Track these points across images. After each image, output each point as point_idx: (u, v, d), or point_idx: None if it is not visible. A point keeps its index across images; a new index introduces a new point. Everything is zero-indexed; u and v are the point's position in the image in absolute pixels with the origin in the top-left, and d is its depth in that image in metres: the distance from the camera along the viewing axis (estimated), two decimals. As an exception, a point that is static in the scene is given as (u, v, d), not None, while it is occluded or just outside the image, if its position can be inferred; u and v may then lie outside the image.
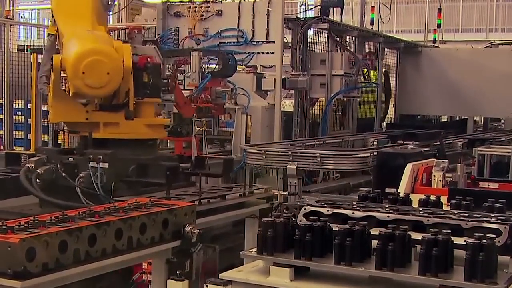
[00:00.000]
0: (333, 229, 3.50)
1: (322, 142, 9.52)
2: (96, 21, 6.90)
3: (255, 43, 10.10)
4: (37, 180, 6.23)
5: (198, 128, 7.91)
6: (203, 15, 10.39)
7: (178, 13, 10.62)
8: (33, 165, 6.31)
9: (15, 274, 3.67)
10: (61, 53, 6.64)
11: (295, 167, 7.30)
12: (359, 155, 7.63)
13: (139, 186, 6.43)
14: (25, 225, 3.93)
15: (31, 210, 5.87)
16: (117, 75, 6.46)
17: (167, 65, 9.89)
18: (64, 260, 3.91)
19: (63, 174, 6.25)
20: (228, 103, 9.00)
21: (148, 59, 6.99)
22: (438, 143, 9.10)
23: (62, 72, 6.57)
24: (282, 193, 6.91)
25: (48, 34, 7.15)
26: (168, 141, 9.58)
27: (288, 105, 11.63)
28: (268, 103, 9.98)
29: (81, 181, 6.16)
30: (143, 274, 5.81)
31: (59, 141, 9.59)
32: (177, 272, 3.53)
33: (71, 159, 6.40)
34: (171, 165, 6.42)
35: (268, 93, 10.38)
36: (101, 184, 6.10)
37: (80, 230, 4.01)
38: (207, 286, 3.37)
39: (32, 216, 4.12)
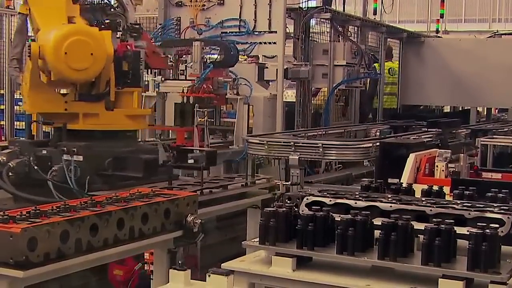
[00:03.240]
0: (336, 219, 3.50)
1: (324, 132, 9.50)
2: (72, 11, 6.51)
3: (257, 33, 10.06)
4: (9, 173, 5.94)
5: (199, 119, 7.89)
6: (204, 5, 10.35)
7: (180, 3, 10.57)
8: (4, 158, 6.05)
9: (17, 263, 3.66)
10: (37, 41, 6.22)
11: (297, 157, 7.28)
12: (361, 145, 7.61)
13: (115, 180, 6.11)
14: (27, 214, 3.93)
15: (5, 205, 5.55)
16: (101, 56, 6.15)
17: (169, 56, 9.91)
18: (66, 250, 3.90)
19: (35, 167, 5.98)
20: (230, 94, 8.97)
21: (128, 46, 6.66)
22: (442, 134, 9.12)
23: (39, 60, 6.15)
24: (284, 183, 6.89)
25: (19, 13, 6.72)
26: (170, 131, 9.57)
27: (290, 95, 11.62)
28: (270, 93, 9.95)
29: (54, 175, 5.86)
30: (145, 265, 5.82)
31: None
32: (179, 262, 3.51)
33: (44, 152, 6.12)
34: (149, 158, 6.22)
35: (270, 83, 10.35)
36: (75, 178, 5.80)
37: (82, 220, 3.99)
38: (209, 276, 3.36)
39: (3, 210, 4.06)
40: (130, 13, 7.13)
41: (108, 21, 6.72)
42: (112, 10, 6.92)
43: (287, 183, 6.97)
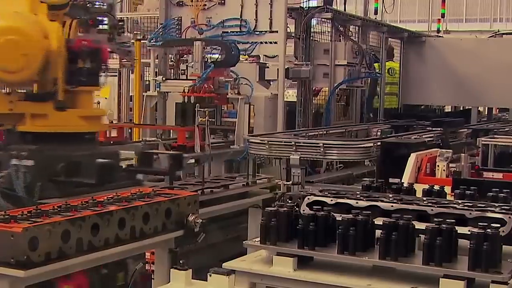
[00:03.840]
0: (337, 218, 3.50)
1: (325, 132, 9.50)
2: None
3: (258, 32, 10.06)
4: None
5: (200, 118, 7.89)
6: (206, 5, 10.36)
7: (181, 3, 10.58)
8: None
9: (18, 263, 3.66)
10: None
11: (298, 157, 7.28)
12: (362, 145, 7.62)
13: (68, 186, 5.65)
14: (28, 214, 3.92)
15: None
16: (36, 57, 5.70)
17: (170, 55, 9.92)
18: (67, 250, 3.89)
19: None
20: (231, 93, 8.98)
21: (85, 42, 6.10)
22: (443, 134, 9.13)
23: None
24: (285, 183, 6.89)
25: None
26: (171, 131, 9.58)
27: (291, 95, 11.63)
28: (271, 93, 9.96)
29: (1, 181, 5.46)
30: (146, 264, 5.81)
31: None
32: (180, 262, 3.50)
33: None
34: (104, 163, 5.81)
35: (271, 83, 10.36)
36: (24, 184, 5.40)
37: (83, 220, 3.99)
38: (210, 275, 3.36)
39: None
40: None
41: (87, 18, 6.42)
42: (94, 7, 6.54)
43: (288, 182, 6.97)
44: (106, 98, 16.36)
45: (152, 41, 10.25)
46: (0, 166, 5.64)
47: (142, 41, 12.34)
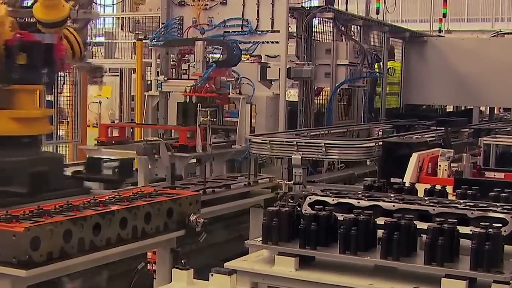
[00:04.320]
0: (339, 218, 3.49)
1: (327, 132, 9.50)
2: None
3: (259, 32, 10.06)
4: None
5: (202, 118, 7.89)
6: (207, 4, 10.35)
7: (183, 2, 10.57)
8: None
9: (20, 263, 3.66)
10: None
11: (300, 157, 7.28)
12: (364, 145, 7.61)
13: None
14: (30, 214, 3.93)
15: None
16: None
17: (171, 55, 9.92)
18: (69, 249, 3.90)
19: None
20: (233, 93, 8.98)
21: (21, 35, 5.59)
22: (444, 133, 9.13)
23: None
24: (286, 182, 6.90)
25: None
26: (173, 131, 9.57)
27: (292, 94, 11.63)
28: (273, 92, 9.96)
29: None
30: (148, 264, 5.81)
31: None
32: (182, 261, 3.51)
33: None
34: (38, 171, 5.35)
35: (273, 82, 10.35)
36: None
37: (85, 219, 4.00)
38: (212, 275, 3.36)
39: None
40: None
41: None
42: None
43: (289, 182, 6.97)
44: (107, 97, 16.39)
45: (153, 40, 10.24)
46: None
47: (143, 40, 12.37)
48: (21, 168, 5.34)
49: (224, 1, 10.26)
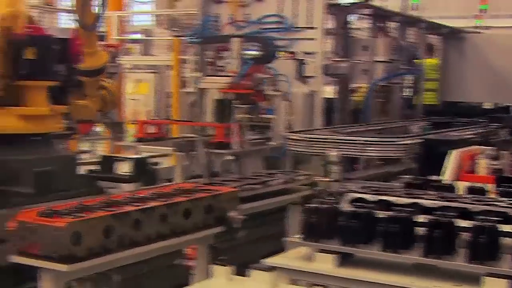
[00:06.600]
0: (378, 215, 3.48)
1: (364, 129, 9.45)
2: None
3: (296, 29, 10.03)
4: None
5: (238, 115, 7.90)
6: (244, 1, 10.36)
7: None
8: None
9: (61, 257, 3.70)
10: None
11: (338, 154, 7.24)
12: (402, 142, 7.55)
13: (2, 196, 5.03)
14: (71, 209, 3.97)
15: None
16: None
17: (208, 52, 9.94)
18: (109, 245, 3.93)
19: None
20: (269, 90, 8.97)
21: (31, 28, 5.43)
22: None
23: None
24: (324, 179, 6.86)
25: None
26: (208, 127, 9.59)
27: (329, 91, 11.57)
28: (309, 89, 9.93)
29: None
30: (185, 260, 5.83)
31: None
32: (221, 258, 3.52)
33: None
34: (41, 171, 5.15)
35: (309, 79, 10.32)
36: None
37: (125, 215, 4.03)
38: (251, 271, 3.37)
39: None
40: None
41: None
42: None
43: (327, 179, 6.94)
44: (144, 94, 16.48)
45: (190, 38, 10.28)
46: None
47: (180, 37, 12.42)
48: (26, 168, 5.17)
49: (261, -2, 10.26)
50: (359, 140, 7.51)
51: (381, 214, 3.48)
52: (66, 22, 17.91)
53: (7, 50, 5.26)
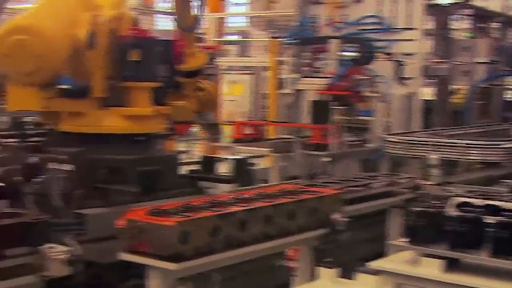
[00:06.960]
0: (487, 221, 3.42)
1: (464, 131, 9.26)
2: None
3: (395, 30, 9.93)
4: None
5: (336, 116, 7.88)
6: (342, 2, 10.32)
7: (317, 1, 10.59)
8: None
9: (169, 256, 3.77)
10: None
11: (438, 157, 7.14)
12: (505, 146, 7.37)
13: (109, 194, 5.11)
14: (178, 209, 4.05)
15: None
16: (51, 58, 5.14)
17: (305, 53, 9.93)
18: (215, 244, 3.98)
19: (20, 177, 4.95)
20: (367, 91, 8.91)
21: (136, 30, 5.54)
22: None
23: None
24: (425, 183, 6.76)
25: None
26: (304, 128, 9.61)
27: (427, 93, 11.40)
28: (408, 91, 9.81)
29: (38, 187, 4.89)
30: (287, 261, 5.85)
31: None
32: (327, 260, 3.54)
33: (35, 158, 5.13)
34: (146, 170, 5.25)
35: (408, 81, 10.19)
36: (60, 191, 4.81)
37: (232, 215, 4.08)
38: (357, 275, 3.38)
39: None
40: None
41: None
42: None
43: (428, 183, 6.84)
44: (240, 95, 16.65)
45: (288, 39, 10.32)
46: (39, 170, 5.01)
47: (277, 39, 12.47)
48: (131, 167, 5.24)
49: (359, -1, 10.20)
50: (460, 143, 7.37)
51: (490, 219, 3.42)
52: (163, 24, 18.23)
53: (112, 52, 5.38)
